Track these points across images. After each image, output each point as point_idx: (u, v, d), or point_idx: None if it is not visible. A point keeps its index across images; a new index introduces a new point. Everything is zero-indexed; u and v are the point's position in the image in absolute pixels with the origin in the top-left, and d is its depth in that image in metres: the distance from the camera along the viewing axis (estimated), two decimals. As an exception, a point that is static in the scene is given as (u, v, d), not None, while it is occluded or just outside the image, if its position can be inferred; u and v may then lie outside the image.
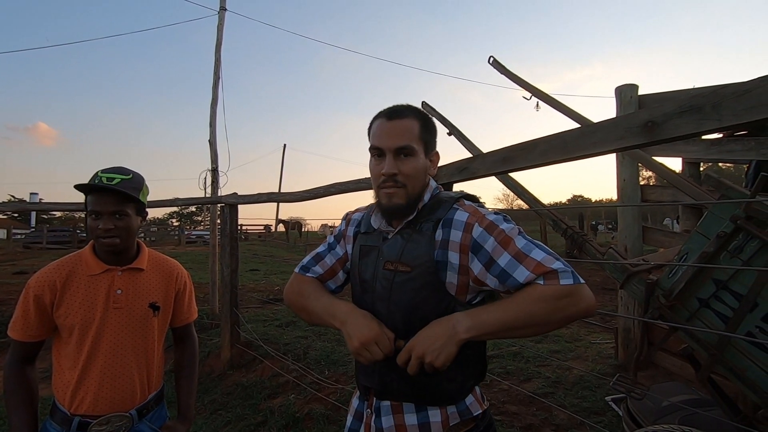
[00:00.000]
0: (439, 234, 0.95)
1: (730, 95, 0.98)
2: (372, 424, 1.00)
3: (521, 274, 0.87)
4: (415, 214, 1.01)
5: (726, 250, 1.63)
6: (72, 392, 1.24)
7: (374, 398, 1.02)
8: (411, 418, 0.96)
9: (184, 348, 1.54)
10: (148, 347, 1.35)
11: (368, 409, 1.03)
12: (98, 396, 1.25)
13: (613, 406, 2.64)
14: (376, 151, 1.01)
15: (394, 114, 1.00)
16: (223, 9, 6.81)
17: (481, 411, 0.99)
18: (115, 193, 1.26)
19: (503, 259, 0.89)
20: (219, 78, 6.57)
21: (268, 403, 3.16)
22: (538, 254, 0.87)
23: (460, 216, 0.95)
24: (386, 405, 1.00)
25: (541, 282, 0.85)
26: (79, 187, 1.25)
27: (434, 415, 0.96)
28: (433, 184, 1.06)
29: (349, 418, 1.10)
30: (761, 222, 1.53)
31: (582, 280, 0.87)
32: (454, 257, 0.93)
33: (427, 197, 1.03)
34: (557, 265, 0.86)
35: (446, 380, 0.95)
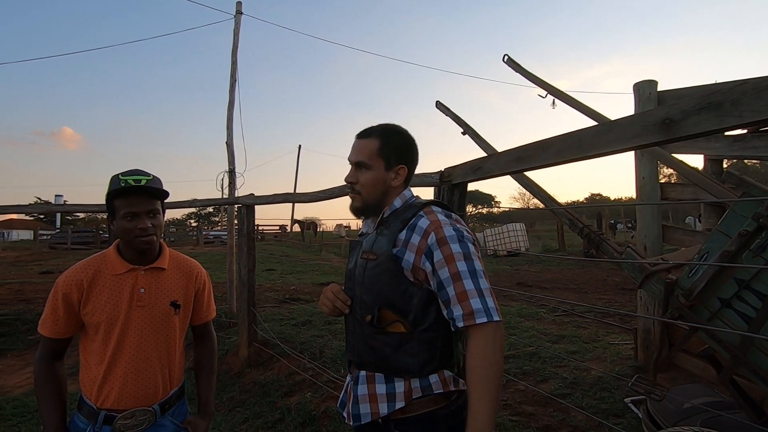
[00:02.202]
0: (403, 234, 1.12)
1: (751, 91, 0.96)
2: (352, 392, 1.18)
3: (450, 291, 1.04)
4: (386, 214, 1.20)
5: (748, 248, 1.60)
6: (98, 387, 1.29)
7: (356, 370, 1.19)
8: (381, 388, 1.13)
9: (203, 346, 1.58)
10: (169, 344, 1.39)
11: (351, 381, 1.21)
12: (123, 391, 1.29)
13: (633, 407, 2.59)
14: (349, 163, 1.24)
15: (361, 134, 1.23)
16: (239, 13, 6.92)
17: (443, 390, 1.10)
18: (149, 193, 1.31)
19: (443, 274, 1.05)
20: (236, 81, 6.68)
21: (285, 400, 3.21)
22: (468, 284, 1.03)
23: (422, 223, 1.11)
24: (362, 375, 1.17)
25: (459, 313, 1.01)
26: (112, 193, 1.29)
27: (399, 386, 1.11)
28: (407, 194, 1.24)
29: (343, 392, 1.28)
30: (785, 220, 1.49)
31: (495, 317, 1.01)
32: (410, 256, 1.10)
33: (398, 203, 1.21)
34: (475, 302, 1.01)
35: (409, 355, 1.09)
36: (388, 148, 1.19)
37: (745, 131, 3.16)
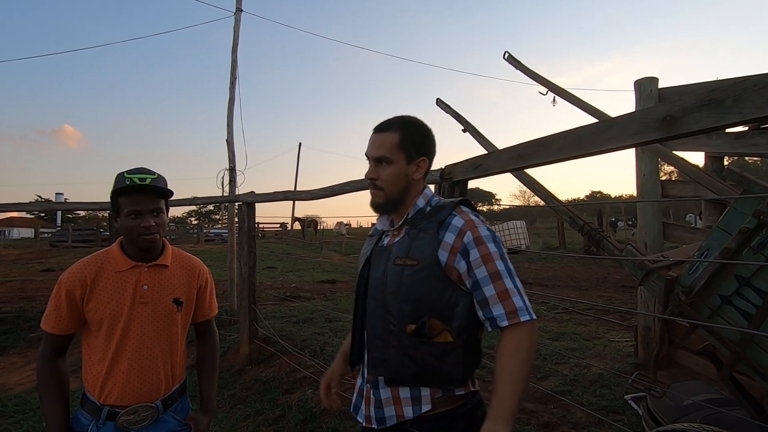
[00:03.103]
0: (439, 234, 1.09)
1: (752, 88, 0.96)
2: (371, 396, 1.14)
3: (489, 290, 1.03)
4: (410, 214, 1.16)
5: (749, 245, 1.60)
6: (101, 383, 1.30)
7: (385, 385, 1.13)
8: (405, 392, 1.10)
9: (205, 343, 1.59)
10: (172, 341, 1.40)
11: (367, 384, 1.17)
12: (126, 387, 1.30)
13: (633, 404, 2.60)
14: (367, 159, 1.20)
15: (379, 128, 1.19)
16: (239, 10, 6.90)
17: (463, 392, 1.10)
18: (153, 192, 1.32)
19: (480, 273, 1.04)
20: (236, 78, 6.67)
21: (285, 398, 3.22)
22: (508, 283, 1.04)
23: (457, 222, 1.09)
24: (382, 379, 1.12)
25: (501, 312, 1.02)
26: (117, 191, 1.30)
27: (425, 389, 1.09)
28: (429, 192, 1.21)
29: (354, 396, 1.23)
30: (786, 217, 1.50)
31: (534, 315, 1.03)
32: (443, 255, 1.07)
33: (421, 202, 1.17)
34: (517, 300, 1.02)
35: (454, 364, 1.07)
36: (408, 141, 1.16)
37: (746, 128, 3.16)
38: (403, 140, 1.15)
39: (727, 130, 3.14)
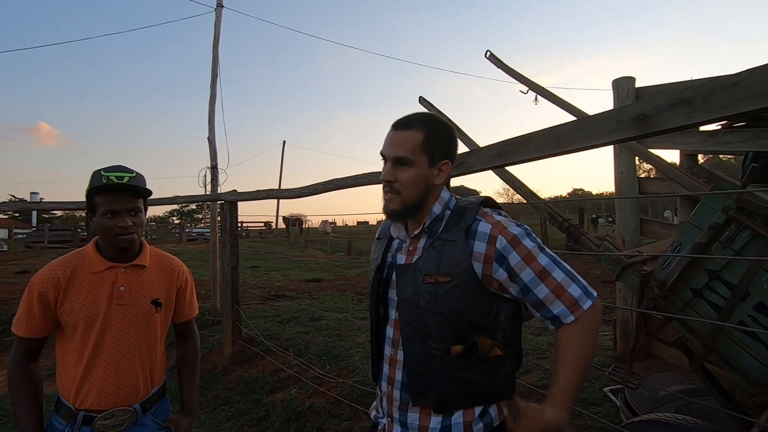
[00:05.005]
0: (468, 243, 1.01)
1: (720, 87, 0.99)
2: (399, 418, 1.07)
3: (542, 291, 0.96)
4: (426, 223, 1.06)
5: (718, 240, 1.65)
6: (77, 387, 1.27)
7: (431, 412, 1.04)
8: (435, 422, 1.01)
9: (186, 344, 1.57)
10: (150, 343, 1.37)
11: (400, 411, 1.07)
12: (102, 391, 1.27)
13: (611, 396, 2.66)
14: (383, 158, 1.08)
15: (401, 125, 1.06)
16: (220, 6, 6.80)
17: (500, 421, 1.02)
18: (131, 191, 1.29)
19: (526, 275, 0.96)
20: (217, 75, 6.58)
21: (270, 397, 3.20)
22: (558, 274, 0.96)
23: (483, 228, 1.00)
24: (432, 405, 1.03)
25: (562, 308, 0.95)
26: (93, 189, 1.26)
27: (457, 417, 1.00)
28: (446, 195, 1.09)
29: (394, 427, 1.10)
30: (752, 212, 1.55)
31: (594, 293, 0.97)
32: (478, 266, 0.98)
33: (437, 209, 1.07)
34: (574, 289, 0.95)
35: (504, 377, 0.99)
36: (432, 142, 1.04)
37: (719, 127, 3.25)
38: (427, 140, 1.03)
39: (701, 129, 3.23)
